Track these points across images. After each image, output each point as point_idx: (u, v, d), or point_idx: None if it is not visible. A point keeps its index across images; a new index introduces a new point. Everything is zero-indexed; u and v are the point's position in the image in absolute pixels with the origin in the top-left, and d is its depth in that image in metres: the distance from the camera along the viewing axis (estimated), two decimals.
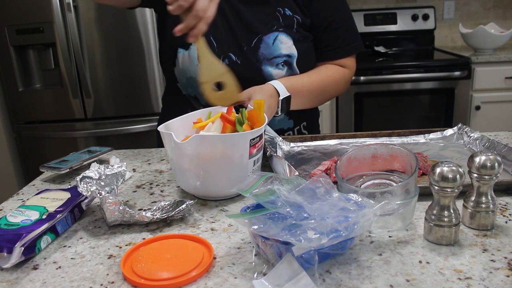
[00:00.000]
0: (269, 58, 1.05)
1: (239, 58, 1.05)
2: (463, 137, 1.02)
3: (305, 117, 1.18)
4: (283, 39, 1.05)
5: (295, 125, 1.16)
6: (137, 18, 2.35)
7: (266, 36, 1.05)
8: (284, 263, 0.54)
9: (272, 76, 1.06)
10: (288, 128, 1.15)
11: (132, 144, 2.45)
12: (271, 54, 1.05)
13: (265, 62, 1.05)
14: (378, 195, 0.62)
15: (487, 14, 3.08)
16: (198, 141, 0.72)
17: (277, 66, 1.06)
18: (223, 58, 1.05)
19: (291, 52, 1.06)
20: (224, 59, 1.05)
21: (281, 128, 1.14)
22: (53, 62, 2.48)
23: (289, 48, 1.05)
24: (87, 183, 0.72)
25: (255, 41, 1.05)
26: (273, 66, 1.05)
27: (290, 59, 1.06)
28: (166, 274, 0.57)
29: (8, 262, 0.59)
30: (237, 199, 0.81)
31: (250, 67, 1.05)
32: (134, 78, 2.44)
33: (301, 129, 1.19)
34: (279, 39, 1.05)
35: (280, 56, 1.05)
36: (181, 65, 1.07)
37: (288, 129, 1.16)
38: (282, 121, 1.13)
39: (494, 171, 0.62)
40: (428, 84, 2.58)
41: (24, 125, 2.55)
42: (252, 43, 1.05)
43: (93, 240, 0.68)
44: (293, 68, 1.07)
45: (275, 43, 1.05)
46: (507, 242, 0.62)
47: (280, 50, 1.05)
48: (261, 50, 1.05)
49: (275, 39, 1.05)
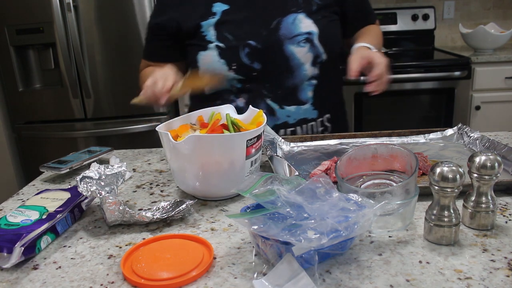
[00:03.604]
0: (289, 37, 1.07)
1: (260, 43, 1.07)
2: (463, 137, 1.02)
3: (329, 109, 1.18)
4: (302, 19, 1.07)
5: (319, 115, 1.16)
6: (137, 18, 2.35)
7: (285, 17, 1.07)
8: (284, 263, 0.54)
9: (294, 54, 1.07)
10: (311, 119, 1.15)
11: (132, 144, 2.45)
12: (291, 33, 1.07)
13: (286, 41, 1.07)
14: (378, 195, 0.62)
15: (487, 14, 3.08)
16: (194, 141, 0.72)
17: (299, 43, 1.07)
18: (243, 48, 1.07)
19: (311, 29, 1.07)
20: (244, 48, 1.07)
21: (305, 118, 1.14)
22: (53, 62, 2.48)
23: (308, 26, 1.07)
24: (87, 183, 0.72)
25: (274, 24, 1.07)
26: (294, 44, 1.07)
27: (311, 36, 1.07)
28: (166, 274, 0.57)
29: (8, 262, 0.59)
30: (237, 199, 0.81)
31: (272, 48, 1.07)
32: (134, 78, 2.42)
33: (324, 121, 1.18)
34: (298, 18, 1.07)
35: (301, 34, 1.07)
36: (205, 65, 1.09)
37: (312, 120, 1.15)
38: (306, 110, 1.14)
39: (494, 171, 0.62)
40: (428, 84, 2.57)
41: (24, 125, 2.55)
42: (271, 26, 1.07)
43: (93, 240, 0.68)
44: (315, 45, 1.08)
45: (295, 22, 1.07)
46: (507, 242, 0.62)
47: (300, 29, 1.07)
48: (281, 31, 1.07)
49: (294, 19, 1.07)
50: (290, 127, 1.13)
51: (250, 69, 1.07)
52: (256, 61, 1.07)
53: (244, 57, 1.06)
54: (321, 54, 1.09)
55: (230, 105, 0.92)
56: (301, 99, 1.11)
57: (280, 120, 1.12)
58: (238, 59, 1.07)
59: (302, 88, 1.11)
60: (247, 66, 1.07)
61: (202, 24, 1.07)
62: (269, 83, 1.09)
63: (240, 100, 1.11)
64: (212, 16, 1.08)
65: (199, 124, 0.87)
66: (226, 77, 1.08)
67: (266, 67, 1.07)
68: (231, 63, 1.07)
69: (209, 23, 1.07)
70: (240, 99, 1.11)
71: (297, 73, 1.09)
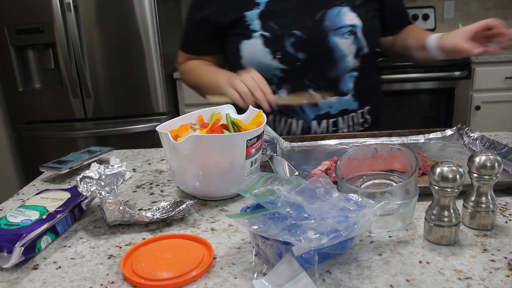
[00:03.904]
0: (334, 29, 1.08)
1: (305, 33, 1.08)
2: (463, 137, 1.02)
3: (370, 101, 1.20)
4: (346, 12, 1.09)
5: (359, 107, 1.17)
6: (137, 18, 2.35)
7: (330, 10, 1.09)
8: (284, 263, 0.54)
9: (338, 45, 1.09)
10: (352, 110, 1.16)
11: (132, 144, 2.45)
12: (336, 25, 1.08)
13: (330, 32, 1.08)
14: (378, 195, 0.62)
15: (487, 14, 3.08)
16: (194, 141, 0.72)
17: (343, 35, 1.08)
18: (288, 37, 1.08)
19: (355, 22, 1.09)
20: (289, 37, 1.08)
21: (345, 109, 1.15)
22: (53, 62, 2.48)
23: (352, 19, 1.09)
24: (87, 183, 0.72)
25: (319, 16, 1.09)
26: (338, 35, 1.08)
27: (355, 28, 1.09)
28: (166, 274, 0.57)
29: (8, 262, 0.59)
30: (237, 199, 0.80)
31: (317, 38, 1.08)
32: (134, 78, 2.44)
33: (365, 113, 1.19)
34: (343, 11, 1.09)
35: (345, 26, 1.08)
36: (248, 54, 1.11)
37: (353, 111, 1.17)
38: (347, 101, 1.15)
39: (494, 171, 0.62)
40: (428, 84, 2.57)
41: (24, 125, 2.55)
42: (315, 17, 1.09)
43: (93, 240, 0.68)
44: (358, 37, 1.10)
45: (339, 15, 1.09)
46: (507, 242, 0.62)
47: (344, 21, 1.08)
48: (325, 22, 1.09)
49: (339, 12, 1.09)
50: (332, 117, 1.15)
51: (294, 58, 1.09)
52: (300, 50, 1.09)
53: (289, 47, 1.08)
54: (364, 47, 1.11)
55: (230, 105, 0.92)
56: (342, 90, 1.13)
57: (322, 110, 1.14)
58: (283, 48, 1.08)
59: (344, 79, 1.13)
60: (292, 55, 1.09)
61: (246, 14, 1.10)
62: (311, 74, 1.11)
63: (282, 91, 1.12)
64: (256, 7, 1.10)
65: (199, 124, 0.87)
66: (269, 66, 1.10)
67: (310, 57, 1.09)
68: (276, 52, 1.09)
69: (253, 13, 1.10)
70: (282, 89, 1.12)
71: (340, 64, 1.11)
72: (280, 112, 1.15)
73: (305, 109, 1.14)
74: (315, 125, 1.14)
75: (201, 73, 1.18)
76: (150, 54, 2.39)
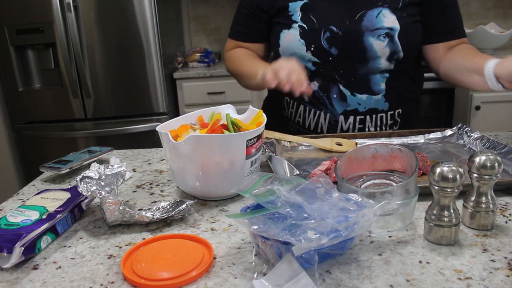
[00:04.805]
0: (371, 29, 1.08)
1: (341, 30, 1.09)
2: (463, 137, 1.02)
3: (401, 104, 1.18)
4: (386, 14, 1.08)
5: (390, 108, 1.17)
6: (137, 18, 2.35)
7: (370, 11, 1.09)
8: (284, 263, 0.54)
9: (372, 46, 1.09)
10: (382, 110, 1.16)
11: (132, 144, 2.45)
12: (374, 25, 1.08)
13: (367, 32, 1.08)
14: (378, 195, 0.62)
15: (487, 14, 3.08)
16: (194, 141, 0.72)
17: (379, 37, 1.08)
18: (324, 31, 1.09)
19: (394, 25, 1.08)
20: (325, 32, 1.09)
21: (375, 108, 1.15)
22: (53, 62, 2.48)
23: (392, 22, 1.08)
24: (87, 183, 0.72)
25: (358, 15, 1.09)
26: (374, 36, 1.08)
27: (392, 31, 1.08)
28: (166, 274, 0.57)
29: (8, 262, 0.59)
30: (237, 199, 0.81)
31: (352, 37, 1.09)
32: (134, 78, 2.44)
33: (395, 115, 1.18)
34: (383, 13, 1.09)
35: (383, 28, 1.08)
36: (285, 43, 1.14)
37: (382, 111, 1.16)
38: (377, 101, 1.15)
39: (494, 171, 0.62)
40: (428, 84, 2.57)
41: (24, 125, 2.55)
42: (355, 17, 1.09)
43: (93, 240, 0.68)
44: (394, 41, 1.09)
45: (379, 16, 1.08)
46: (507, 242, 0.62)
47: (383, 23, 1.08)
48: (364, 22, 1.09)
49: (379, 13, 1.09)
50: (360, 115, 1.15)
51: (327, 53, 1.10)
52: (334, 46, 1.10)
53: (324, 41, 1.10)
54: (399, 52, 1.10)
55: (230, 105, 0.92)
56: (373, 89, 1.13)
57: (351, 106, 1.14)
58: (318, 41, 1.10)
59: (375, 79, 1.13)
60: (325, 50, 1.10)
61: (290, 5, 1.12)
62: (342, 70, 1.12)
63: (314, 83, 1.13)
64: None
65: (199, 124, 0.87)
66: (303, 57, 1.11)
67: (343, 53, 1.10)
68: (310, 44, 1.10)
69: (296, 4, 1.12)
70: (314, 82, 1.13)
71: (371, 64, 1.11)
72: (310, 103, 1.16)
73: (334, 103, 1.14)
74: (342, 120, 1.15)
75: (243, 62, 1.20)
76: (150, 54, 2.40)
